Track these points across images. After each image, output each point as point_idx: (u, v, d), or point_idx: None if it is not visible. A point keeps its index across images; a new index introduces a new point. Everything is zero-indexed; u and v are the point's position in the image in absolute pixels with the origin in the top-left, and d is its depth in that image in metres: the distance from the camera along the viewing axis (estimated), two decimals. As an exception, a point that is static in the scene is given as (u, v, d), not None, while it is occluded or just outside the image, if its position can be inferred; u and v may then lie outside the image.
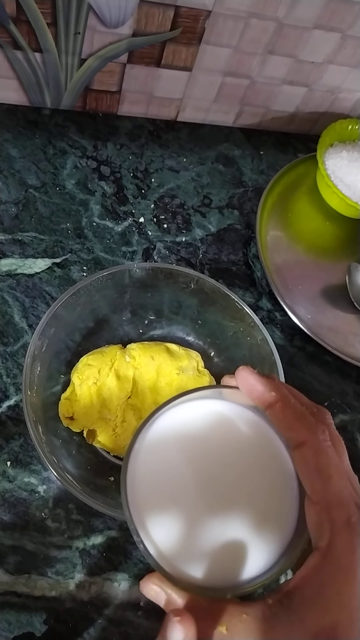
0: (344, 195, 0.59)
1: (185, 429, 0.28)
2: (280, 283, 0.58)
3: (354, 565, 0.24)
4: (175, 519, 0.26)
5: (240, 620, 0.23)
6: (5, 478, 0.45)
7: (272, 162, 0.67)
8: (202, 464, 0.28)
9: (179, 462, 0.28)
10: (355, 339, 0.58)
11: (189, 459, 0.28)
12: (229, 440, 0.28)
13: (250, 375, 0.28)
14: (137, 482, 0.27)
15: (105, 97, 0.62)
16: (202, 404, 0.29)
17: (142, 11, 0.51)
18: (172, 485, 0.27)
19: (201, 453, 0.28)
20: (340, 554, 0.24)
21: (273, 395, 0.27)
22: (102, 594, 0.43)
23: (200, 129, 0.67)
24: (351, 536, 0.24)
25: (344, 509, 0.24)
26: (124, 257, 0.57)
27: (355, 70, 0.61)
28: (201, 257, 0.59)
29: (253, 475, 0.28)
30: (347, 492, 0.25)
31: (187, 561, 0.26)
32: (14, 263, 0.54)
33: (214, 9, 0.52)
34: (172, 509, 0.27)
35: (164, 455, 0.28)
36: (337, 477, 0.25)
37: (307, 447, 0.26)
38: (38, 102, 0.61)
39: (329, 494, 0.25)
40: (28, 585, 0.43)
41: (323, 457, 0.25)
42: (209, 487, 0.27)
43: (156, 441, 0.28)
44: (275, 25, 0.54)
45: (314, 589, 0.24)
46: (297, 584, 0.24)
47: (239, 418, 0.29)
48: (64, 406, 0.46)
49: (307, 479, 0.26)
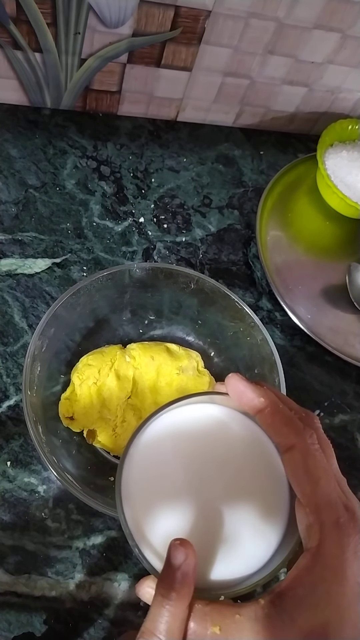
0: (344, 195, 0.59)
1: (179, 432, 0.29)
2: (280, 283, 0.58)
3: (343, 565, 0.24)
4: (168, 523, 0.27)
5: (234, 620, 0.24)
6: (5, 478, 0.45)
7: (272, 162, 0.67)
8: (196, 466, 0.28)
9: (172, 465, 0.28)
10: (355, 339, 0.58)
11: (183, 462, 0.28)
12: (222, 443, 0.29)
13: (239, 382, 0.28)
14: (131, 486, 0.27)
15: (105, 97, 0.62)
16: (196, 408, 0.30)
17: (142, 11, 0.51)
18: (166, 488, 0.28)
19: (194, 456, 0.28)
20: (329, 555, 0.24)
21: (262, 401, 0.28)
22: (102, 594, 0.44)
23: (200, 129, 0.67)
24: (340, 537, 0.24)
25: (332, 511, 0.25)
26: (124, 257, 0.57)
27: (355, 70, 0.61)
28: (201, 257, 0.59)
29: (245, 478, 0.28)
30: (335, 494, 0.26)
31: None
32: (14, 263, 0.54)
33: (214, 9, 0.52)
34: (165, 512, 0.27)
35: (158, 458, 0.28)
36: (326, 479, 0.26)
37: (295, 451, 0.26)
38: (38, 102, 0.61)
39: (318, 496, 0.25)
40: (28, 585, 0.43)
41: (311, 460, 0.26)
42: (202, 490, 0.28)
43: (150, 445, 0.28)
44: (275, 25, 0.54)
45: (305, 590, 0.24)
46: (289, 584, 0.24)
47: (232, 422, 0.29)
48: (64, 406, 0.46)
49: (297, 481, 0.26)
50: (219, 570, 0.26)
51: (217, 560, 0.26)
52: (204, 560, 0.26)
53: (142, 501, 0.27)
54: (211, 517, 0.27)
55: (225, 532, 0.27)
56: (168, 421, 0.29)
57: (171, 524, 0.27)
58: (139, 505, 0.27)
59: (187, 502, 0.27)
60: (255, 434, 0.29)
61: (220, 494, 0.28)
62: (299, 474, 0.26)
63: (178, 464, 0.28)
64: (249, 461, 0.28)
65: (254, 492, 0.28)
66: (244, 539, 0.27)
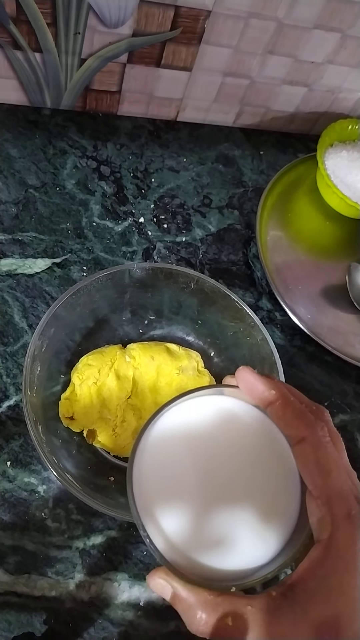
0: (344, 195, 0.59)
1: (190, 424, 0.29)
2: (280, 283, 0.58)
3: (354, 557, 0.24)
4: (180, 513, 0.27)
5: (245, 611, 0.24)
6: (5, 478, 0.45)
7: (272, 162, 0.67)
8: (206, 459, 0.28)
9: (183, 458, 0.28)
10: (355, 339, 0.58)
11: (194, 454, 0.28)
12: (233, 435, 0.29)
13: (250, 375, 0.29)
14: (142, 478, 0.27)
15: (105, 97, 0.62)
16: (207, 400, 0.30)
17: (142, 11, 0.51)
18: (177, 480, 0.28)
19: (205, 448, 0.28)
20: (341, 546, 0.24)
21: (273, 393, 0.28)
22: (102, 594, 0.44)
23: (200, 129, 0.67)
24: (352, 529, 0.25)
25: (344, 503, 0.25)
26: (124, 257, 0.57)
27: (355, 70, 0.61)
28: (201, 257, 0.59)
29: (257, 470, 0.28)
30: (346, 486, 0.26)
31: (192, 555, 0.26)
32: (14, 263, 0.54)
33: (214, 9, 0.52)
34: (177, 504, 0.27)
35: (169, 450, 0.28)
36: (337, 471, 0.26)
37: (306, 443, 0.26)
38: (38, 102, 0.61)
39: (329, 488, 0.25)
40: (28, 585, 0.43)
41: (322, 452, 0.26)
42: (213, 481, 0.28)
43: (161, 437, 0.28)
44: (275, 25, 0.54)
45: (316, 582, 0.24)
46: (300, 576, 0.24)
47: (243, 414, 0.29)
48: (64, 406, 0.46)
49: (308, 473, 0.26)
50: (230, 561, 0.26)
51: (228, 551, 0.26)
52: (215, 550, 0.26)
53: (154, 492, 0.27)
54: (222, 508, 0.27)
55: (237, 524, 0.27)
56: (179, 413, 0.29)
57: (183, 514, 0.27)
58: (150, 496, 0.27)
59: (199, 492, 0.27)
60: (266, 426, 0.29)
61: (231, 484, 0.28)
62: (310, 466, 0.26)
63: (190, 454, 0.28)
64: (260, 453, 0.29)
65: (266, 484, 0.28)
66: (255, 530, 0.27)
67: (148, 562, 0.45)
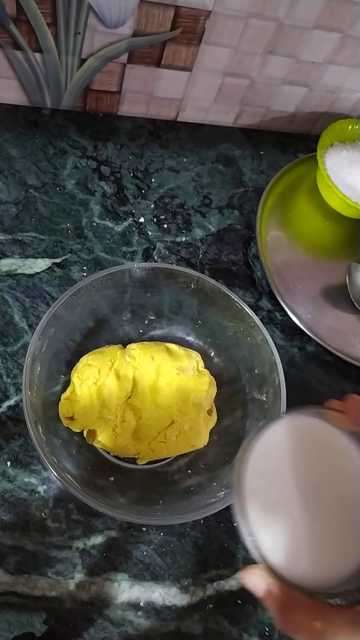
0: (344, 195, 0.59)
1: (297, 442, 0.31)
2: (280, 283, 0.58)
3: None
4: (280, 523, 0.29)
5: (333, 619, 0.26)
6: (5, 478, 0.45)
7: (272, 162, 0.67)
8: (309, 477, 0.30)
9: (288, 474, 0.30)
10: (355, 339, 0.58)
11: (298, 473, 0.30)
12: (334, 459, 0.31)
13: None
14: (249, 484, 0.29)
15: (105, 97, 0.62)
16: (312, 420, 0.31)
17: (142, 11, 0.51)
18: (280, 493, 0.30)
19: (309, 467, 0.30)
20: None
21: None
22: (102, 594, 0.44)
23: (200, 129, 0.67)
24: None
25: None
26: (124, 257, 0.57)
27: (355, 70, 0.61)
28: (201, 257, 0.59)
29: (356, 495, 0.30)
30: None
31: (288, 559, 0.28)
32: (14, 263, 0.54)
33: (214, 9, 0.52)
34: (281, 515, 0.29)
35: (275, 464, 0.30)
36: None
37: None
38: (38, 102, 0.61)
39: None
40: (28, 585, 0.43)
41: None
42: (314, 499, 0.30)
43: (268, 449, 0.30)
44: (275, 25, 0.54)
45: None
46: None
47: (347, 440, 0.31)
48: (64, 406, 0.46)
49: None
50: (320, 573, 0.28)
51: (319, 563, 0.28)
52: (308, 560, 0.28)
53: (258, 497, 0.29)
54: (322, 526, 0.29)
55: (329, 540, 0.29)
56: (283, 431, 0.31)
57: (286, 525, 0.29)
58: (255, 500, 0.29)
59: (298, 508, 0.29)
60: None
61: (331, 503, 0.30)
62: None
63: (294, 474, 0.30)
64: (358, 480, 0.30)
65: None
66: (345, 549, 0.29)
67: (148, 562, 0.45)
